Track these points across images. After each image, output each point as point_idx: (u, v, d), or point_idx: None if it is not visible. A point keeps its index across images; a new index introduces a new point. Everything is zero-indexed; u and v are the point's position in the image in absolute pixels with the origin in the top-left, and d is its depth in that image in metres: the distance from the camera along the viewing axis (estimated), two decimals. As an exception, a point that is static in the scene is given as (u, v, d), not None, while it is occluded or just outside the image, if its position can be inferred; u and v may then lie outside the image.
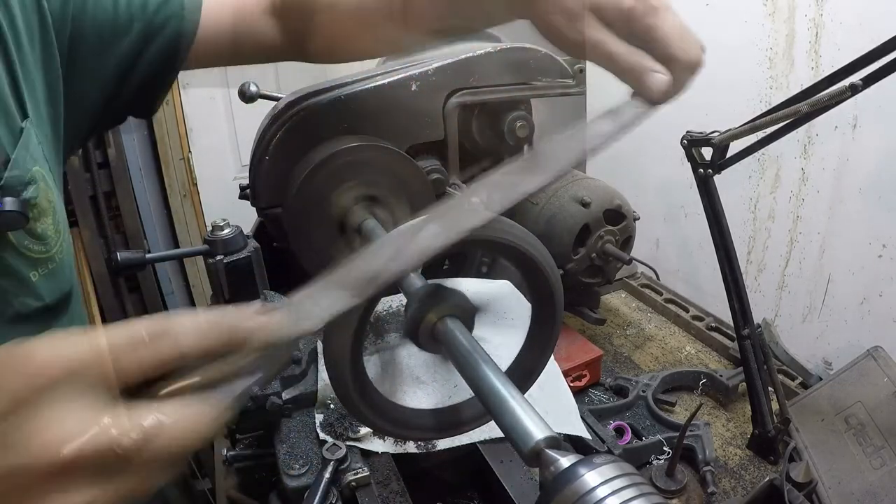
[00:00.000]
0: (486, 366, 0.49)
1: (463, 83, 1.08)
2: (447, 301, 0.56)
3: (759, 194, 1.52)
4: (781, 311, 1.53)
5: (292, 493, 0.79)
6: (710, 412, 1.10)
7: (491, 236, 0.52)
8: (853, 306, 1.34)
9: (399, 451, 0.85)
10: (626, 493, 0.36)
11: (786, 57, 1.37)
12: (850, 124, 1.26)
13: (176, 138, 2.46)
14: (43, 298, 0.58)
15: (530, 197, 1.21)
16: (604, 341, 1.31)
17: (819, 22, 1.28)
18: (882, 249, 1.25)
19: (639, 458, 0.97)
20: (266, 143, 1.00)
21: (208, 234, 0.91)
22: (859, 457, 0.89)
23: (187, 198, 2.56)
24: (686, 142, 0.93)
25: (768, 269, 1.54)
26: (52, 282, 0.59)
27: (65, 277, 0.62)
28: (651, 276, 1.56)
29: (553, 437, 0.41)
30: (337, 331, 0.51)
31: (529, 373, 0.63)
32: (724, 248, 0.95)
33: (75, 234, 2.34)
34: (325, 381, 0.94)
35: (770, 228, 1.52)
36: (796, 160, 1.39)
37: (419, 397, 0.86)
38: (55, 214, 0.60)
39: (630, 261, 1.16)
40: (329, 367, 0.53)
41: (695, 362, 1.23)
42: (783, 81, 1.39)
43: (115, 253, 0.90)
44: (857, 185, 1.28)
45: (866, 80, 0.72)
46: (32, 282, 0.57)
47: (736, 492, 0.92)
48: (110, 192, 2.39)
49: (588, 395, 1.13)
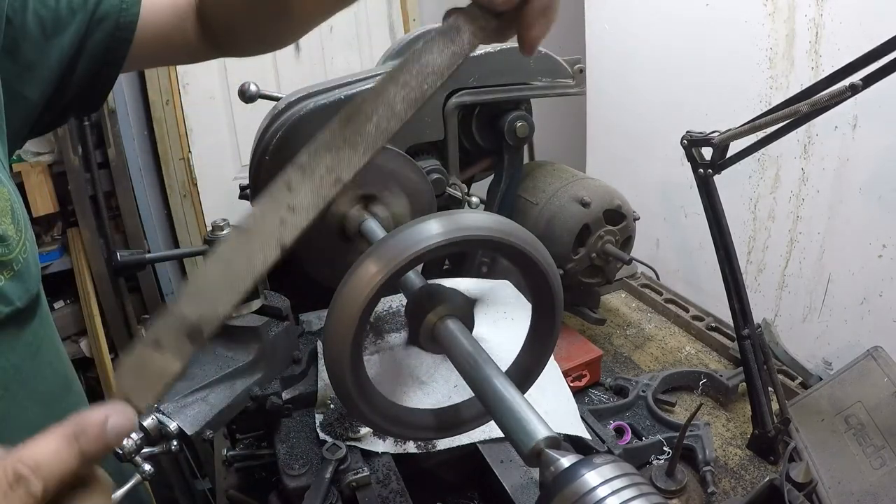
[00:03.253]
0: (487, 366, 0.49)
1: (463, 83, 1.08)
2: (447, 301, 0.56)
3: (759, 194, 1.52)
4: (781, 311, 1.53)
5: (292, 493, 0.79)
6: (710, 412, 1.10)
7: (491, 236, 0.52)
8: (853, 306, 1.33)
9: (399, 451, 0.85)
10: (626, 493, 0.36)
11: (786, 57, 1.37)
12: (850, 124, 1.25)
13: (176, 138, 2.46)
14: (13, 302, 0.57)
15: (530, 197, 1.21)
16: (604, 341, 1.31)
17: (819, 22, 1.28)
18: (882, 249, 1.25)
19: (639, 458, 0.97)
20: (266, 143, 1.00)
21: (208, 234, 0.91)
22: (859, 457, 0.89)
23: (187, 198, 2.56)
24: (686, 142, 0.93)
25: (768, 269, 1.54)
26: (20, 284, 0.58)
27: (32, 279, 0.60)
28: (651, 276, 1.56)
29: (553, 438, 0.41)
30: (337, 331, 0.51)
31: (529, 373, 0.63)
32: (724, 248, 0.95)
33: (75, 233, 2.34)
34: (325, 381, 0.94)
35: (770, 228, 1.51)
36: (796, 160, 1.39)
37: (419, 397, 0.86)
38: (13, 213, 0.58)
39: (630, 261, 1.16)
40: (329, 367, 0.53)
41: (695, 362, 1.23)
42: (783, 81, 1.39)
43: (115, 253, 0.90)
44: (857, 185, 1.28)
45: (866, 80, 0.72)
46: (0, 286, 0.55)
47: (736, 492, 0.92)
48: (110, 192, 2.38)
49: (588, 395, 1.13)
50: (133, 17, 0.70)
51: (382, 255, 0.49)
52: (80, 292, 2.36)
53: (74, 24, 0.67)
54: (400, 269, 0.49)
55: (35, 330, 0.63)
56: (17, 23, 0.63)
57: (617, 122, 1.98)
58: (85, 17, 0.67)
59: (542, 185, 1.20)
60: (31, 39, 0.64)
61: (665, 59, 1.69)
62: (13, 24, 0.62)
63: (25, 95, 0.65)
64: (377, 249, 0.50)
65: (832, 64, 1.26)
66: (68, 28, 0.66)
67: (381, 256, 0.49)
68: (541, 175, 1.24)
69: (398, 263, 0.48)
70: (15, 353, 0.59)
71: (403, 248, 0.49)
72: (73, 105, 0.73)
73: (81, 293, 2.36)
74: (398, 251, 0.49)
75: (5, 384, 0.58)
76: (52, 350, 0.68)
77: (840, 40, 1.25)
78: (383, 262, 0.49)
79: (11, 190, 0.59)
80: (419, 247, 0.49)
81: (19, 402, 0.60)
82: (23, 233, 0.59)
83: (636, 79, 1.82)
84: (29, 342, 0.62)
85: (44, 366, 0.65)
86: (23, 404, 0.60)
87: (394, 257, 0.49)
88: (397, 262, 0.48)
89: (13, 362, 0.59)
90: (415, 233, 0.49)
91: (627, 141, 1.94)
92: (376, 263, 0.49)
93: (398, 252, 0.49)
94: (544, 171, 1.25)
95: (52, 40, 0.65)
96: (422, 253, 0.49)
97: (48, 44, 0.65)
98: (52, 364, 0.67)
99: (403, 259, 0.48)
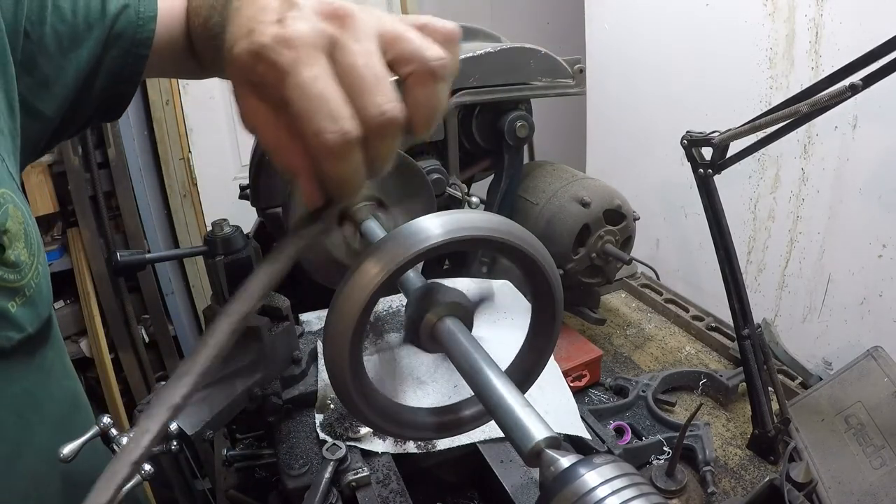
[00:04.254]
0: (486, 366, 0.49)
1: (463, 83, 1.08)
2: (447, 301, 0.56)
3: (759, 194, 1.52)
4: (781, 311, 1.53)
5: (292, 493, 0.79)
6: (710, 412, 1.10)
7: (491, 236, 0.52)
8: (853, 306, 1.33)
9: (399, 451, 0.85)
10: (626, 493, 0.36)
11: (786, 57, 1.37)
12: (850, 124, 1.25)
13: (176, 138, 2.46)
14: (25, 329, 0.56)
15: (530, 197, 1.21)
16: (604, 341, 1.31)
17: (819, 22, 1.28)
18: (882, 249, 1.25)
19: (639, 458, 0.97)
20: (266, 143, 1.00)
21: (208, 234, 0.90)
22: (859, 457, 0.89)
23: (187, 198, 2.56)
24: (686, 142, 0.93)
25: (768, 269, 1.54)
26: (31, 310, 0.57)
27: (43, 303, 0.59)
28: (651, 276, 1.56)
29: (553, 438, 0.41)
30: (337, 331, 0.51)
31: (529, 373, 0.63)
32: (724, 248, 0.95)
33: (75, 233, 2.34)
34: (325, 381, 0.94)
35: (770, 228, 1.52)
36: (796, 160, 1.39)
37: (419, 397, 0.86)
38: (27, 238, 0.57)
39: (630, 261, 1.16)
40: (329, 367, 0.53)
41: (695, 362, 1.23)
42: (783, 81, 1.39)
43: (115, 253, 0.90)
44: (857, 185, 1.28)
45: (866, 80, 0.72)
46: (12, 313, 0.54)
47: (736, 492, 0.92)
48: (110, 192, 2.38)
49: (588, 395, 1.13)
50: (149, 33, 0.70)
51: (382, 254, 0.49)
52: (80, 292, 2.36)
53: (91, 40, 0.66)
54: (400, 268, 0.49)
55: (46, 353, 0.62)
56: (35, 37, 0.62)
57: (617, 123, 1.98)
58: (102, 33, 0.67)
59: (542, 185, 1.20)
60: (48, 54, 0.63)
61: (665, 59, 1.69)
62: (31, 39, 0.61)
63: (41, 111, 0.64)
64: (377, 249, 0.50)
65: (832, 64, 1.26)
66: (85, 43, 0.66)
67: (380, 256, 0.49)
68: (541, 175, 1.24)
69: (398, 263, 0.48)
70: (27, 379, 0.59)
71: (403, 247, 0.49)
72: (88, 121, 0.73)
73: (81, 293, 2.36)
74: (398, 251, 0.49)
75: (19, 411, 0.57)
76: (61, 369, 0.67)
77: (840, 40, 1.25)
78: (383, 262, 0.49)
79: (26, 211, 0.58)
80: (419, 246, 0.48)
81: (32, 426, 0.59)
82: (35, 256, 0.58)
83: (636, 79, 1.82)
84: (41, 366, 0.61)
85: (54, 387, 0.64)
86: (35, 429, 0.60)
87: (394, 257, 0.48)
88: (397, 262, 0.48)
89: (25, 387, 0.58)
90: (415, 232, 0.49)
91: (627, 141, 1.94)
92: (376, 263, 0.49)
93: (398, 252, 0.49)
94: (544, 171, 1.25)
95: (69, 55, 0.65)
96: (422, 252, 0.48)
97: (65, 59, 0.65)
98: (61, 384, 0.67)
99: (403, 259, 0.48)
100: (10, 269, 0.54)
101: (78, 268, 2.33)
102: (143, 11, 0.70)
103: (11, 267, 0.54)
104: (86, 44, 0.66)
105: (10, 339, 0.55)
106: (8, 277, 0.54)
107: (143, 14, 0.70)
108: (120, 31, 0.68)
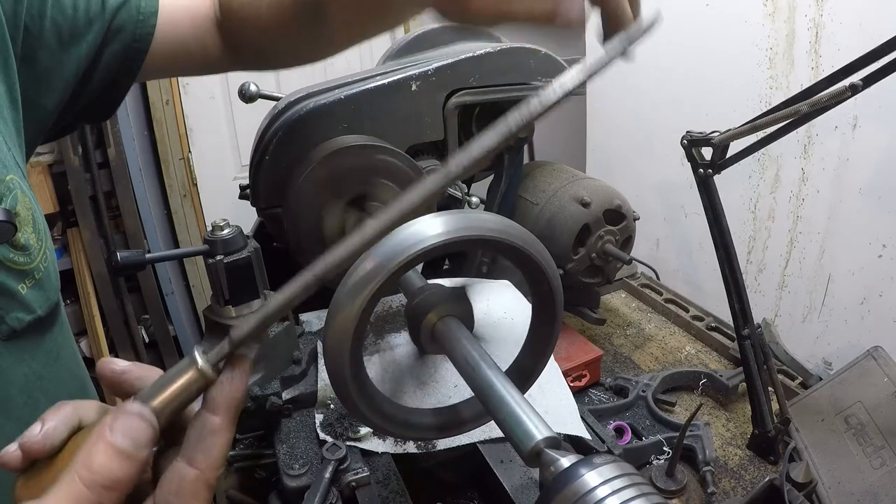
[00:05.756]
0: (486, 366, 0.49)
1: (463, 83, 1.08)
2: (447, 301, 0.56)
3: (759, 194, 1.52)
4: (781, 311, 1.53)
5: (292, 493, 0.79)
6: (710, 412, 1.10)
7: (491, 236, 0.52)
8: (853, 306, 1.34)
9: (399, 451, 0.85)
10: (626, 493, 0.36)
11: (786, 57, 1.37)
12: (850, 124, 1.26)
13: (176, 138, 2.46)
14: (35, 311, 0.57)
15: (530, 197, 1.21)
16: (604, 341, 1.31)
17: (819, 22, 1.28)
18: (882, 249, 1.25)
19: (639, 458, 0.97)
20: (266, 143, 1.00)
21: (208, 234, 0.90)
22: (859, 457, 0.89)
23: (187, 198, 2.56)
24: (686, 142, 0.93)
25: (768, 269, 1.55)
26: (41, 293, 0.58)
27: (52, 287, 0.61)
28: (651, 276, 1.56)
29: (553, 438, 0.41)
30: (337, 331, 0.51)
31: (529, 373, 0.63)
32: (724, 248, 0.95)
33: (75, 233, 2.34)
34: (325, 381, 0.94)
35: (770, 228, 1.52)
36: (796, 160, 1.39)
37: (419, 397, 0.86)
38: (35, 223, 0.59)
39: (630, 261, 1.16)
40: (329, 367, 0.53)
41: (695, 362, 1.23)
42: (783, 81, 1.39)
43: (115, 253, 0.90)
44: (857, 185, 1.28)
45: (866, 80, 0.72)
46: (22, 294, 0.56)
47: (736, 492, 0.92)
48: (110, 192, 2.39)
49: (588, 395, 1.13)
50: (150, 28, 0.70)
51: (382, 254, 0.49)
52: (80, 292, 2.36)
53: (91, 34, 0.66)
54: (400, 268, 0.49)
55: (55, 337, 0.63)
56: (35, 31, 0.62)
57: (617, 122, 1.98)
58: (102, 26, 0.67)
59: (542, 185, 1.20)
60: (48, 48, 0.64)
61: (665, 59, 1.69)
62: (31, 33, 0.62)
63: (41, 104, 0.65)
64: (377, 249, 0.50)
65: (832, 64, 1.26)
66: (85, 37, 0.66)
67: (380, 256, 0.49)
68: (541, 175, 1.24)
69: (398, 263, 0.48)
70: (36, 361, 0.60)
71: (403, 247, 0.49)
72: (85, 113, 0.73)
73: (81, 293, 2.36)
74: (398, 251, 0.49)
75: (28, 391, 0.58)
76: (70, 355, 0.68)
77: (840, 40, 1.25)
78: (383, 262, 0.49)
79: (32, 198, 0.60)
80: (419, 247, 0.48)
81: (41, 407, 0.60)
82: (43, 241, 0.60)
83: (636, 79, 1.82)
84: (49, 349, 0.62)
85: (63, 371, 0.65)
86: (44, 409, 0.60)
87: (393, 257, 0.48)
88: (397, 262, 0.48)
89: (35, 369, 0.59)
90: (415, 232, 0.49)
91: (627, 141, 1.94)
92: (376, 263, 0.49)
93: (398, 252, 0.49)
94: (544, 171, 1.25)
95: (69, 49, 0.65)
96: (422, 253, 0.48)
97: (65, 53, 0.65)
98: (70, 369, 0.67)
99: (403, 259, 0.48)
100: (21, 251, 0.56)
101: (78, 268, 2.34)
102: (143, 7, 0.70)
103: (21, 250, 0.56)
104: (86, 38, 0.66)
105: (21, 320, 0.56)
106: (18, 260, 0.55)
107: (144, 9, 0.70)
108: (120, 26, 0.68)
